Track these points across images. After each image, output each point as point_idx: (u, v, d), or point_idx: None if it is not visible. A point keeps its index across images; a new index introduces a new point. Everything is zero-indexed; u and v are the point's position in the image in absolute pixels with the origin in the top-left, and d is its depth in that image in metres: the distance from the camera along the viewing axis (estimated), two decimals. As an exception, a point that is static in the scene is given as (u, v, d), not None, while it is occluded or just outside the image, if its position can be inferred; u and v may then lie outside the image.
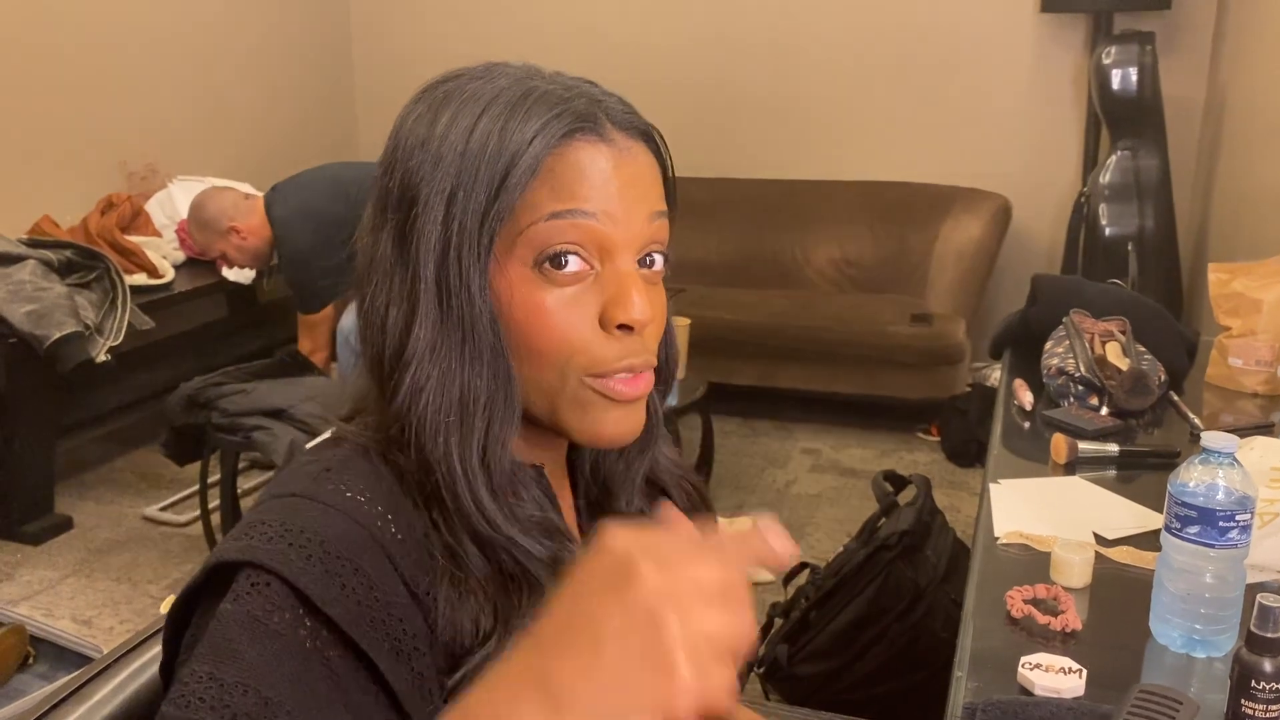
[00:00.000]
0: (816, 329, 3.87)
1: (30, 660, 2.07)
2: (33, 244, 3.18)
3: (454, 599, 0.66)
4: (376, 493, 0.67)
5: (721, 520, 2.98)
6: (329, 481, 0.67)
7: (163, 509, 3.27)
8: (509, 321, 0.69)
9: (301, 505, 0.65)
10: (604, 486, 0.82)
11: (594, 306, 0.69)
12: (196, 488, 3.03)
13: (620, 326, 0.69)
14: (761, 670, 2.13)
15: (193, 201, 3.11)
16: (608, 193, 0.69)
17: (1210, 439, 1.03)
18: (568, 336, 0.69)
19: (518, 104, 0.69)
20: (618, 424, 0.71)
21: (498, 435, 0.69)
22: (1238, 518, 1.01)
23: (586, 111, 0.69)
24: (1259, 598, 0.88)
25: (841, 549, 2.28)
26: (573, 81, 0.72)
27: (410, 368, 0.68)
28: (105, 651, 0.85)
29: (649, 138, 0.73)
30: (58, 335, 2.88)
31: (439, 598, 0.66)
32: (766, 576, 2.83)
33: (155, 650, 0.84)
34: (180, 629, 0.66)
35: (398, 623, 0.63)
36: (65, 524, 3.17)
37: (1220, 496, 1.02)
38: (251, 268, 3.32)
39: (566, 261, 0.68)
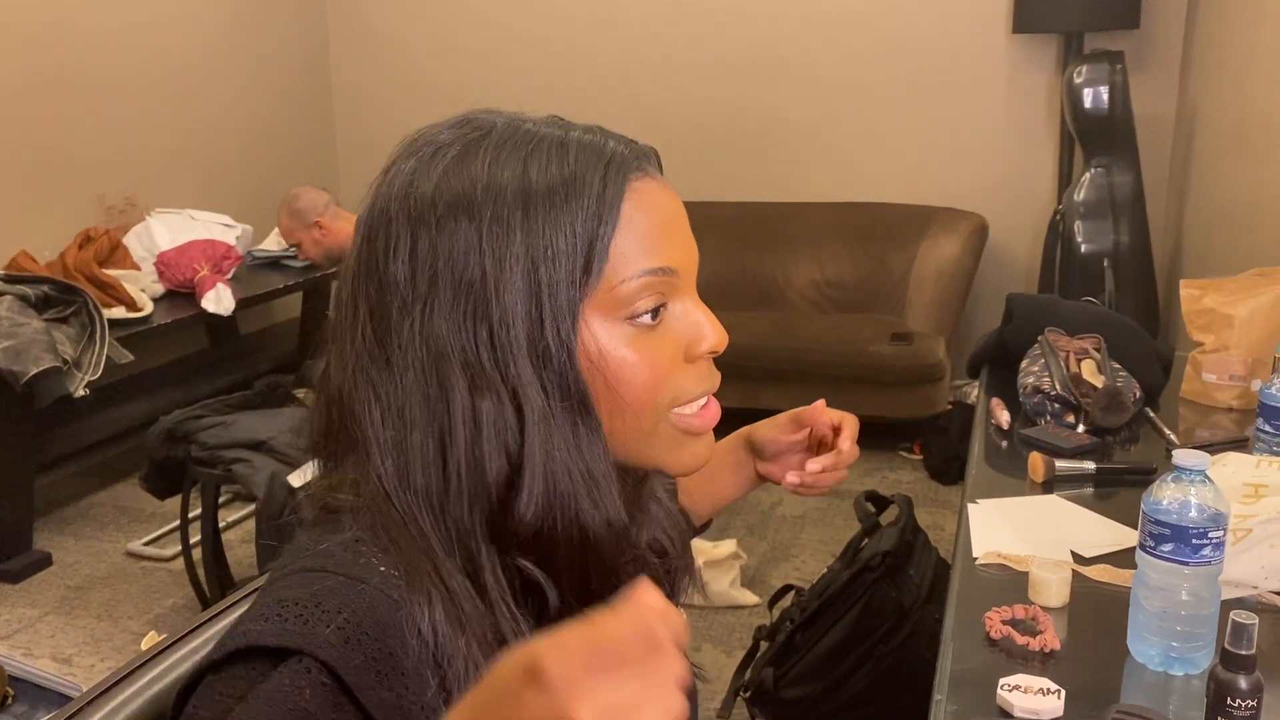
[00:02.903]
0: (798, 350, 3.88)
1: (9, 700, 2.05)
2: (9, 279, 3.17)
3: None
4: (403, 565, 0.64)
5: (705, 544, 2.98)
6: (359, 555, 0.63)
7: (146, 544, 3.24)
8: (598, 378, 0.66)
9: (324, 579, 0.61)
10: None
11: (676, 343, 0.70)
12: (178, 522, 3.01)
13: (707, 354, 0.71)
14: (748, 694, 2.12)
15: (291, 191, 3.41)
16: (683, 237, 0.70)
17: (1182, 457, 1.04)
18: (664, 379, 0.69)
19: (562, 149, 0.66)
20: (704, 454, 0.73)
21: (618, 491, 0.69)
22: (1211, 535, 1.02)
23: (631, 152, 0.68)
24: (1232, 615, 0.88)
25: (826, 570, 2.28)
26: (586, 125, 0.71)
27: (535, 460, 0.64)
28: (85, 690, 0.85)
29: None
30: (35, 371, 2.86)
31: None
32: (752, 599, 2.83)
33: (134, 688, 0.84)
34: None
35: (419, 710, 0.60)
36: (44, 561, 3.14)
37: (1193, 514, 1.02)
38: (320, 264, 3.66)
39: (657, 313, 0.68)
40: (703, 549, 2.86)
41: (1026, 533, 1.40)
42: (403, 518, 0.65)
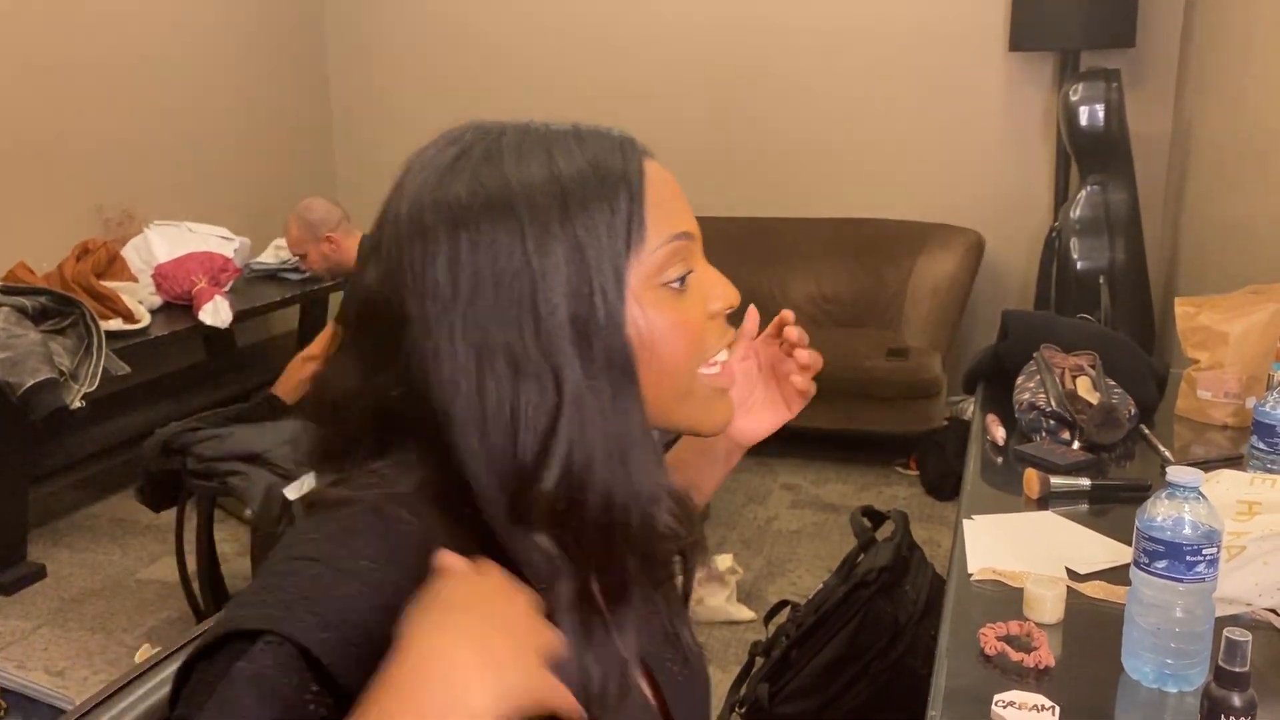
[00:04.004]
0: (794, 365, 3.88)
1: (2, 713, 2.04)
2: (7, 290, 3.17)
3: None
4: (392, 558, 0.64)
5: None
6: (344, 545, 0.65)
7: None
8: (642, 344, 0.69)
9: (319, 571, 0.63)
10: None
11: (702, 304, 0.74)
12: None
13: (723, 310, 0.76)
14: (744, 710, 2.12)
15: (305, 202, 3.44)
16: (687, 204, 0.75)
17: (1175, 474, 1.04)
18: (698, 339, 0.73)
19: (578, 139, 0.70)
20: (731, 410, 0.79)
21: (660, 457, 0.72)
22: (1205, 551, 1.02)
23: (632, 136, 0.74)
24: (1225, 632, 0.88)
25: (821, 585, 2.28)
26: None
27: (561, 440, 0.65)
28: (78, 703, 0.84)
29: None
30: (31, 382, 2.86)
31: None
32: (748, 615, 2.83)
33: (128, 701, 0.84)
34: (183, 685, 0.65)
35: None
36: (39, 573, 3.13)
37: (1187, 531, 1.03)
38: (323, 277, 3.65)
39: (686, 276, 0.72)
40: (699, 564, 2.85)
41: (1021, 549, 1.40)
42: (442, 509, 0.67)
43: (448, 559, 0.60)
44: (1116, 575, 1.30)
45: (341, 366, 0.71)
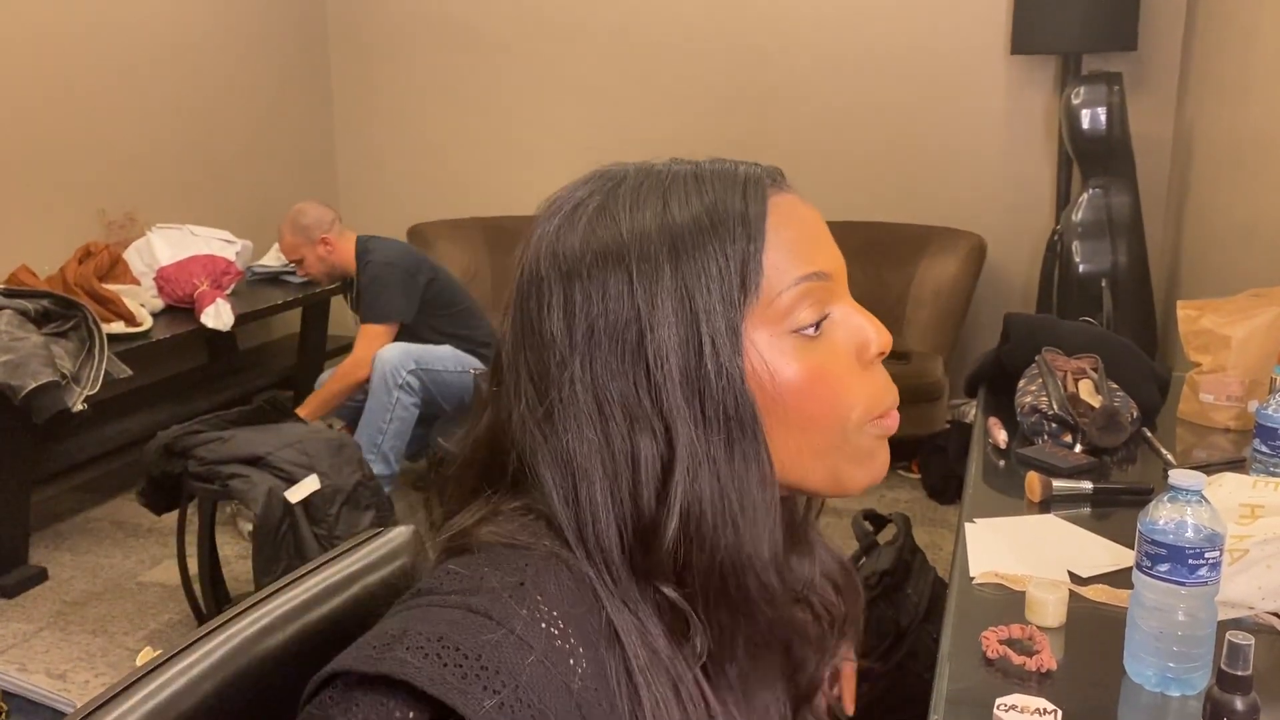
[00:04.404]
0: (796, 368, 3.88)
1: (3, 716, 2.04)
2: (9, 293, 3.17)
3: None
4: (570, 619, 0.61)
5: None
6: (523, 604, 0.60)
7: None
8: (769, 396, 0.65)
9: (489, 630, 0.58)
10: None
11: (845, 349, 0.69)
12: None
13: (876, 356, 0.70)
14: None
15: (296, 206, 3.49)
16: (829, 244, 0.70)
17: (1178, 477, 1.04)
18: (848, 389, 0.68)
19: (697, 182, 0.68)
20: (886, 458, 0.72)
21: (779, 516, 0.67)
22: (1207, 555, 1.02)
23: (763, 171, 0.70)
24: (1228, 635, 0.88)
25: (823, 589, 2.28)
26: (711, 158, 0.72)
27: (677, 492, 0.63)
28: (79, 705, 0.84)
29: None
30: (33, 385, 2.86)
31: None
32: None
33: (129, 704, 0.83)
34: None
35: None
36: (40, 576, 3.13)
37: (1189, 534, 1.03)
38: (320, 280, 3.72)
39: (819, 325, 0.68)
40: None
41: (1023, 552, 1.40)
42: (575, 565, 0.64)
43: None
44: (1118, 579, 1.30)
45: (498, 405, 0.70)
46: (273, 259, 4.28)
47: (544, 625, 0.59)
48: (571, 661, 0.59)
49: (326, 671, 0.59)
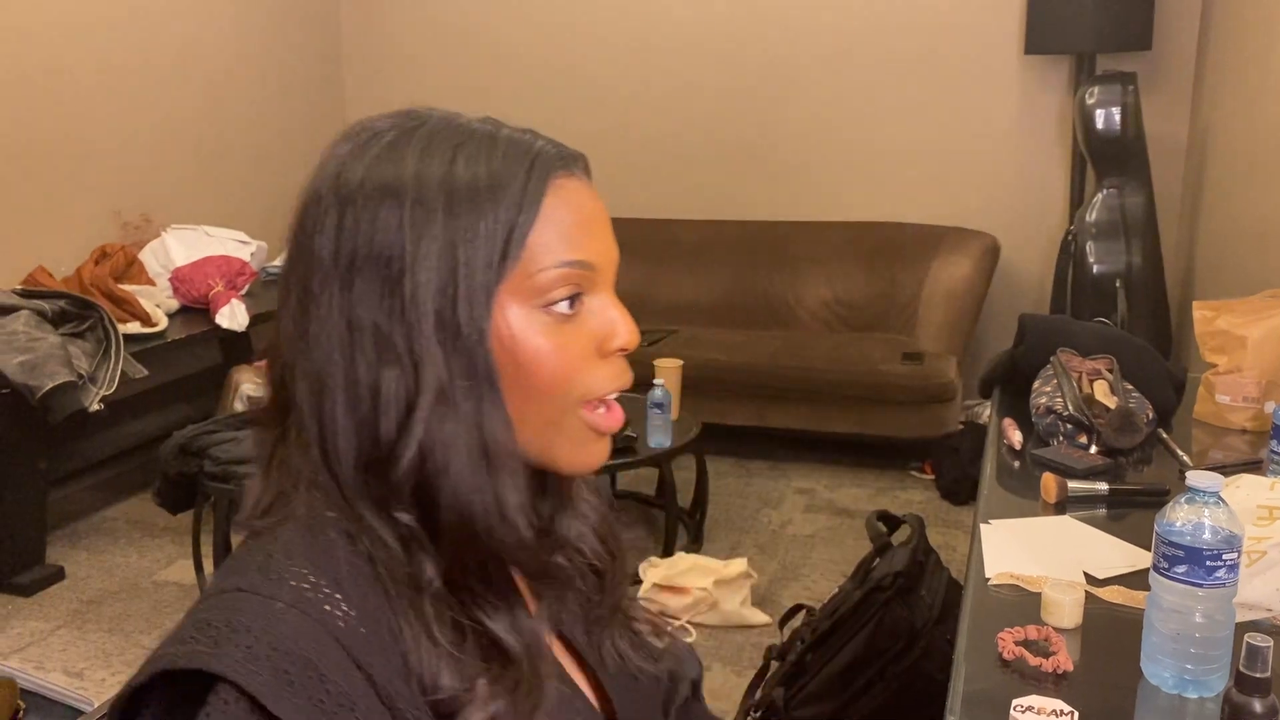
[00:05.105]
0: (809, 369, 3.88)
1: (20, 714, 2.05)
2: (26, 294, 3.19)
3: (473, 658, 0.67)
4: (323, 571, 0.65)
5: (716, 563, 2.97)
6: (272, 570, 0.65)
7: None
8: (510, 362, 0.69)
9: (246, 601, 0.63)
10: None
11: (589, 336, 0.72)
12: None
13: (619, 350, 0.73)
14: (759, 714, 2.11)
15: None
16: (602, 234, 0.73)
17: (1195, 478, 1.04)
18: (574, 367, 0.71)
19: (491, 144, 0.70)
20: (602, 457, 0.76)
21: (522, 472, 0.71)
22: (1225, 557, 1.02)
23: (558, 152, 0.72)
24: (1247, 637, 0.88)
25: (837, 590, 2.28)
26: (520, 126, 0.74)
27: (417, 427, 0.66)
28: (96, 705, 0.85)
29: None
30: (50, 385, 2.88)
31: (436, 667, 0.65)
32: (763, 619, 2.82)
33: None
34: None
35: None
36: (57, 574, 3.15)
37: (1207, 536, 1.02)
38: None
39: (573, 303, 0.71)
40: (713, 568, 2.85)
41: (1039, 554, 1.39)
42: (324, 490, 0.68)
43: None
44: (1135, 580, 1.30)
45: (278, 335, 0.73)
46: (287, 260, 4.30)
47: (294, 582, 0.64)
48: (328, 607, 0.63)
49: (122, 700, 0.64)
